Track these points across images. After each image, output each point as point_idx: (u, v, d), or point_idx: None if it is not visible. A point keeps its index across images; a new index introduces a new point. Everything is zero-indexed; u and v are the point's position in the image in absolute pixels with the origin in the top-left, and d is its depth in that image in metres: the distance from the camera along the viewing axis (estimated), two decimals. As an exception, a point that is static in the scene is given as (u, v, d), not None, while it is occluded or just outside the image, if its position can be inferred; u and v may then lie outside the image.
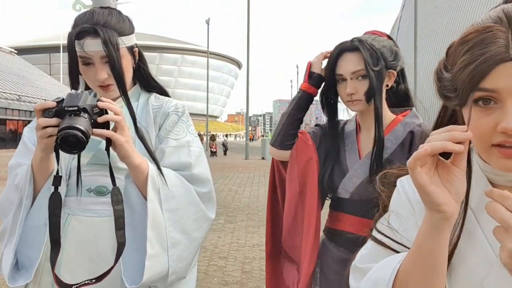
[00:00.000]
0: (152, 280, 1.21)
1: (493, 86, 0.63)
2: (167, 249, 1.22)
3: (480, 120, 0.65)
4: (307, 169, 1.47)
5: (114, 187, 1.16)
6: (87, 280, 1.14)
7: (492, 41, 0.63)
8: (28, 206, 1.23)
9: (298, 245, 1.49)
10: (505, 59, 0.61)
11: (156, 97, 1.43)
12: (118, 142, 1.14)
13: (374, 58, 1.33)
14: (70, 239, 1.28)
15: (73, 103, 1.08)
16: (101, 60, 1.24)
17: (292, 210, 1.51)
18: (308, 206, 1.46)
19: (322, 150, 1.49)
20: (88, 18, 1.25)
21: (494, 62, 0.62)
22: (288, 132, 1.50)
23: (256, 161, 21.80)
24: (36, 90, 34.91)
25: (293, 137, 1.50)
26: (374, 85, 1.33)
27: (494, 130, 0.63)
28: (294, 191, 1.51)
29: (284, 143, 1.51)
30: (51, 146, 1.13)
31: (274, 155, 1.57)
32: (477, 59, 0.63)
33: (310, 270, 1.43)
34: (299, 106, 1.50)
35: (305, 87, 1.49)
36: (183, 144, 1.34)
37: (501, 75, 0.62)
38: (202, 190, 1.33)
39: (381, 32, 1.44)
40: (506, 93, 0.62)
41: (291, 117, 1.50)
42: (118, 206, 1.16)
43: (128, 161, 1.18)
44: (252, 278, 4.26)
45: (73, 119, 1.06)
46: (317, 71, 1.47)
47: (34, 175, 1.22)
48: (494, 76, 0.62)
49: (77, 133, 1.03)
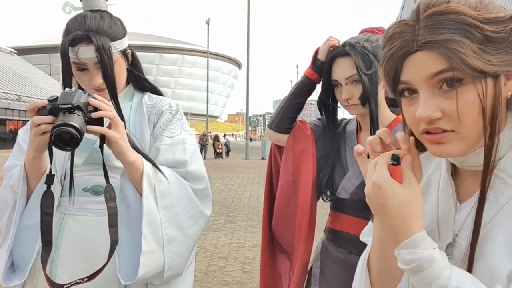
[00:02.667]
0: (148, 277, 1.21)
1: (406, 78, 0.66)
2: (162, 245, 1.22)
3: (408, 110, 0.68)
4: (302, 159, 1.46)
5: (108, 184, 1.16)
6: (80, 279, 1.14)
7: (399, 35, 0.65)
8: (22, 206, 1.23)
9: (289, 234, 1.48)
10: (410, 52, 0.64)
11: (149, 96, 1.44)
12: (113, 139, 1.14)
13: (366, 61, 1.32)
14: (67, 238, 1.28)
15: (67, 100, 1.09)
16: (95, 66, 1.25)
17: (284, 198, 1.50)
18: (302, 195, 1.44)
19: (321, 144, 1.48)
20: (80, 23, 1.25)
21: (401, 56, 0.65)
22: (287, 115, 1.49)
23: (256, 161, 21.79)
24: (36, 90, 34.92)
25: (291, 121, 1.49)
26: (367, 89, 1.32)
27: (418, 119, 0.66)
28: (287, 179, 1.49)
29: (281, 125, 1.50)
30: (44, 144, 1.13)
31: (270, 137, 1.57)
32: (388, 54, 0.67)
33: (304, 261, 1.42)
34: (300, 91, 1.49)
35: (308, 73, 1.48)
36: (178, 141, 1.34)
37: (410, 67, 0.65)
38: (198, 186, 1.33)
39: (377, 28, 1.43)
40: (418, 84, 0.64)
41: (291, 100, 1.49)
42: (111, 203, 1.16)
43: (123, 158, 1.18)
44: (252, 278, 4.26)
45: (67, 117, 1.06)
46: (322, 58, 1.45)
47: (27, 175, 1.22)
48: (406, 69, 0.65)
49: (71, 130, 1.03)
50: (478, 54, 0.60)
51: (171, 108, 1.40)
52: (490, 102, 0.62)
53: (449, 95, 0.62)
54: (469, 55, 0.60)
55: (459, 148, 0.65)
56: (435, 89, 0.63)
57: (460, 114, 0.62)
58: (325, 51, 1.44)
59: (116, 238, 1.16)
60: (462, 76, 0.61)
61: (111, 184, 1.17)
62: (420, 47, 0.63)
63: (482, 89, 0.61)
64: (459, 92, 0.62)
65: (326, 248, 1.46)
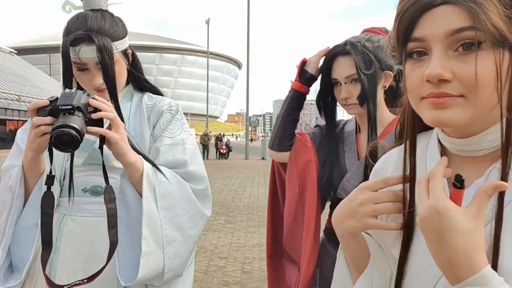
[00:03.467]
0: (148, 278, 1.21)
1: (421, 34, 0.61)
2: (162, 246, 1.22)
3: (412, 72, 0.64)
4: (306, 170, 1.45)
5: (107, 185, 1.15)
6: (79, 280, 1.13)
7: None
8: (20, 207, 1.22)
9: (299, 246, 1.48)
10: (433, 4, 0.60)
11: (149, 96, 1.43)
12: (113, 140, 1.13)
13: (366, 61, 1.31)
14: (66, 239, 1.27)
15: (67, 101, 1.08)
16: (96, 66, 1.25)
17: (292, 211, 1.50)
18: (308, 207, 1.44)
19: (322, 151, 1.47)
20: (81, 23, 1.24)
21: (422, 8, 0.60)
22: (285, 133, 1.48)
23: (256, 161, 21.80)
24: (36, 90, 34.90)
25: (290, 138, 1.49)
26: (366, 89, 1.31)
27: (424, 81, 0.61)
28: (293, 193, 1.49)
29: (282, 144, 1.49)
30: (44, 145, 1.12)
31: (274, 157, 1.56)
32: (406, 6, 0.62)
33: (310, 271, 1.41)
34: (291, 106, 1.48)
35: (296, 86, 1.46)
36: (178, 142, 1.34)
37: (428, 21, 0.60)
38: (198, 187, 1.33)
39: (379, 29, 1.42)
40: (433, 41, 0.60)
41: (285, 117, 1.48)
42: (111, 204, 1.15)
43: (123, 159, 1.18)
44: (252, 278, 4.26)
45: (67, 118, 1.05)
46: (311, 70, 1.44)
47: (24, 175, 1.21)
48: (422, 24, 0.61)
49: (71, 132, 1.02)
50: (505, 18, 0.57)
51: (171, 108, 1.39)
52: (504, 74, 0.59)
53: (465, 58, 0.59)
54: (496, 16, 0.57)
55: (462, 116, 0.60)
56: (450, 50, 0.59)
57: (478, 77, 0.57)
58: (316, 63, 1.44)
59: (116, 240, 1.15)
60: (483, 38, 0.57)
61: (110, 186, 1.16)
62: (446, 0, 0.58)
63: (500, 58, 0.58)
64: (478, 55, 0.58)
65: (325, 249, 1.46)
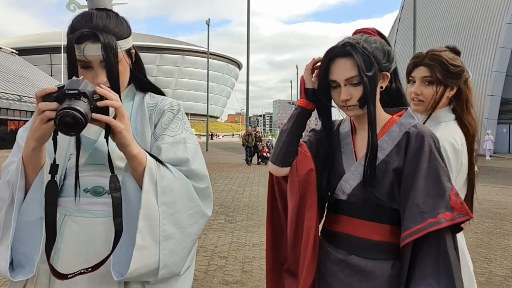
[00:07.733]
0: (141, 273, 1.19)
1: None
2: (159, 241, 1.20)
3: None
4: (307, 180, 1.44)
5: (112, 174, 1.14)
6: (83, 269, 1.13)
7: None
8: (21, 200, 1.20)
9: (298, 258, 1.47)
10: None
11: (151, 95, 1.43)
12: (118, 129, 1.13)
13: (367, 62, 1.30)
14: (67, 240, 1.26)
15: (74, 86, 1.07)
16: (101, 64, 1.24)
17: (293, 224, 1.49)
18: (308, 218, 1.43)
19: (320, 157, 1.46)
20: (86, 21, 1.24)
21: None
22: (289, 149, 1.47)
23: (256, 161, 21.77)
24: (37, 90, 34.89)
25: (294, 154, 1.47)
26: (367, 91, 1.30)
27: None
28: (295, 204, 1.48)
29: (285, 160, 1.47)
30: (48, 134, 1.11)
31: (276, 172, 1.53)
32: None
33: (307, 283, 1.40)
34: (298, 123, 1.47)
35: (303, 103, 1.45)
36: (179, 140, 1.34)
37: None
38: (200, 185, 1.32)
39: (372, 30, 1.40)
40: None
41: (291, 134, 1.46)
42: (116, 193, 1.14)
43: (126, 150, 1.17)
44: (252, 278, 4.27)
45: (72, 102, 1.05)
46: (310, 86, 1.43)
47: (25, 168, 1.19)
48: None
49: (76, 114, 1.02)
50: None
51: (172, 108, 1.40)
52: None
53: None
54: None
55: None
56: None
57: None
58: (308, 77, 1.43)
59: (121, 229, 1.13)
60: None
61: (115, 175, 1.15)
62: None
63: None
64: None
65: (324, 249, 1.45)
